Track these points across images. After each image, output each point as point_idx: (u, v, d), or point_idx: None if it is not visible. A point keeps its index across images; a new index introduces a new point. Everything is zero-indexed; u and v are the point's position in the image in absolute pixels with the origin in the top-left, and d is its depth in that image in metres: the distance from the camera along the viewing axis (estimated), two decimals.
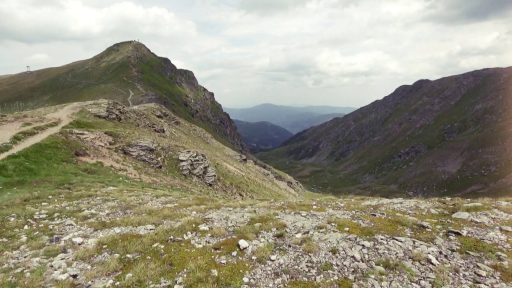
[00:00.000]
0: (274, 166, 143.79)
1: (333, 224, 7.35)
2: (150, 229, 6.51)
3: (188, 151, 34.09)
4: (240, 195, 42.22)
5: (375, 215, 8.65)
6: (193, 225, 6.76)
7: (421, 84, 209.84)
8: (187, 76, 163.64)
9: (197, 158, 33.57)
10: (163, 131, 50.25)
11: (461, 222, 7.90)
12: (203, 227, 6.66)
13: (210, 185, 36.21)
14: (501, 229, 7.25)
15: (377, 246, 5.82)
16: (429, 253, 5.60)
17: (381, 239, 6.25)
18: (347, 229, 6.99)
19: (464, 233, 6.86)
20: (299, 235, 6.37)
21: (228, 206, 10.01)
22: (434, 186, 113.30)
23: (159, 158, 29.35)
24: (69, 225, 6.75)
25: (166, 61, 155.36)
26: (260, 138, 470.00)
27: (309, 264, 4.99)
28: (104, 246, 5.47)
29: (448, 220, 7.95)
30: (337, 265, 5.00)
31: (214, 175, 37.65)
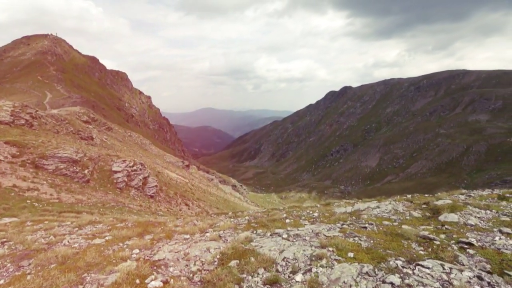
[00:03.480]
0: (218, 170, 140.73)
1: (330, 249, 5.68)
2: None
3: (124, 160, 29.52)
4: (186, 204, 38.81)
5: (366, 228, 7.36)
6: (137, 281, 4.31)
7: (346, 90, 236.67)
8: (120, 77, 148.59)
9: (134, 168, 29.29)
10: (92, 139, 43.53)
11: (457, 226, 7.15)
12: (153, 283, 4.25)
13: (152, 197, 32.07)
14: (501, 232, 6.64)
15: (407, 281, 4.29)
16: (470, 282, 4.30)
17: (402, 266, 4.79)
18: (351, 254, 5.39)
19: (475, 242, 5.98)
20: (299, 277, 4.48)
21: (183, 233, 7.60)
22: (360, 179, 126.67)
23: (86, 171, 24.42)
24: None
25: (93, 60, 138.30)
26: (202, 142, 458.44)
27: None
28: None
29: (446, 226, 7.10)
30: None
31: (156, 186, 33.59)
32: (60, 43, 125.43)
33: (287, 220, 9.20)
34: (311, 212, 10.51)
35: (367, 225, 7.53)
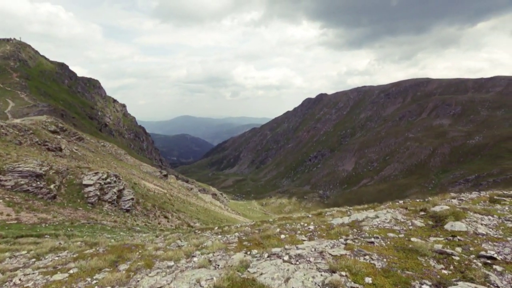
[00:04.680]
0: (197, 179, 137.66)
1: (342, 273, 4.89)
2: None
3: (96, 173, 27.36)
4: (165, 217, 36.83)
5: (373, 243, 6.66)
6: None
7: (321, 97, 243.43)
8: (92, 85, 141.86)
9: (108, 180, 27.22)
10: (60, 149, 40.45)
11: (468, 237, 6.66)
12: None
13: (128, 211, 29.99)
14: None
15: None
16: None
17: None
18: (369, 280, 4.62)
19: (495, 255, 5.40)
20: None
21: (166, 259, 6.50)
22: (337, 183, 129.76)
23: (52, 186, 22.19)
24: None
25: (62, 66, 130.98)
26: (180, 151, 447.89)
27: None
28: None
29: (458, 237, 6.53)
30: None
31: (132, 198, 31.54)
32: (25, 48, 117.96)
33: (282, 236, 8.34)
34: (305, 224, 9.72)
35: (372, 239, 6.85)
